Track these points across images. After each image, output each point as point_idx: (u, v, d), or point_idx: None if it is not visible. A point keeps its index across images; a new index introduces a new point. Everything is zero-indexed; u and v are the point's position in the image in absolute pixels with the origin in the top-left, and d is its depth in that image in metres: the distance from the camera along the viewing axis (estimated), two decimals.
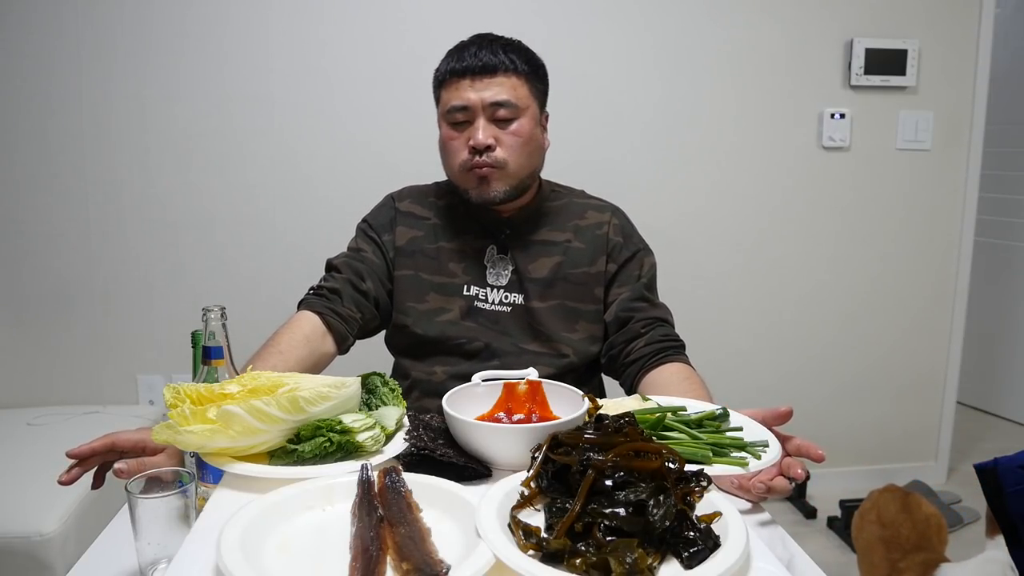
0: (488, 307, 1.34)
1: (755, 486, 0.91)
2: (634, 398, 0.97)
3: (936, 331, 2.80)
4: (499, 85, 1.27)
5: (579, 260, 1.35)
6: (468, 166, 1.28)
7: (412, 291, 1.36)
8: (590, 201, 1.43)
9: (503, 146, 1.28)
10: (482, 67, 1.26)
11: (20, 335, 2.38)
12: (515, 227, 1.36)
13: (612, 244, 1.37)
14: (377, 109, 2.38)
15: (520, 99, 1.28)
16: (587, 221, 1.39)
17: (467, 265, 1.36)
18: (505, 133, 1.28)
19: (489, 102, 1.26)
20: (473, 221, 1.38)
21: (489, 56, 1.27)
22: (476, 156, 1.27)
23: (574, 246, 1.36)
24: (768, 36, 2.52)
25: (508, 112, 1.27)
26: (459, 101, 1.27)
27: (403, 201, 1.43)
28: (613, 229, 1.38)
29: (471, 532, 0.65)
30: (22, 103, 2.27)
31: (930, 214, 2.72)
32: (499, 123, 1.28)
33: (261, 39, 2.31)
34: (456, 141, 1.29)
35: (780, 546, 0.92)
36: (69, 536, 1.68)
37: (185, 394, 0.82)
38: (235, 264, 2.39)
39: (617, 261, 1.36)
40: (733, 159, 2.58)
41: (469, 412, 0.90)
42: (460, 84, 1.27)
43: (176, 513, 0.83)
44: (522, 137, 1.29)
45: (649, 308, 1.34)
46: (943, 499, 2.63)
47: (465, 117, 1.28)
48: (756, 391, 2.70)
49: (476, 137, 1.26)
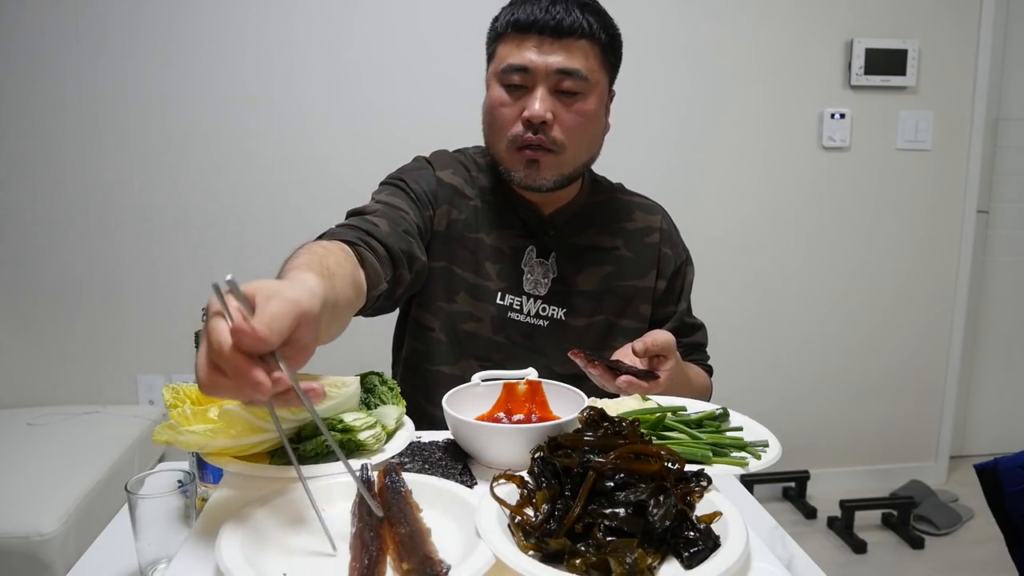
0: (523, 319, 1.17)
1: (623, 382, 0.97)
2: (634, 398, 0.96)
3: (936, 331, 2.80)
4: (571, 51, 1.06)
5: (628, 271, 1.20)
6: (519, 143, 1.09)
7: (443, 288, 1.16)
8: (636, 200, 1.27)
9: (562, 125, 1.08)
10: (555, 25, 1.05)
11: (20, 335, 2.38)
12: (559, 227, 1.19)
13: (663, 256, 1.23)
14: (379, 107, 2.37)
15: (592, 71, 1.09)
16: (636, 224, 1.23)
17: (503, 267, 1.16)
18: (567, 110, 1.08)
19: (555, 68, 1.06)
20: (513, 214, 1.18)
21: (564, 13, 1.06)
22: (529, 132, 1.08)
23: (623, 255, 1.20)
24: (768, 36, 2.52)
25: (575, 84, 1.07)
26: (519, 60, 1.06)
27: (445, 171, 1.18)
28: (662, 237, 1.24)
29: (471, 532, 0.65)
30: (21, 103, 2.27)
31: (930, 214, 2.72)
32: (562, 96, 1.08)
33: (262, 39, 2.31)
34: (508, 109, 1.09)
35: (780, 546, 0.92)
36: (69, 536, 1.68)
37: (184, 394, 0.81)
38: (235, 264, 2.38)
39: (666, 276, 1.23)
40: (733, 159, 2.58)
41: (469, 412, 0.90)
42: (524, 41, 1.07)
43: (176, 513, 0.83)
44: (586, 117, 1.10)
45: (688, 333, 1.25)
46: (943, 499, 2.63)
47: (523, 80, 1.07)
48: (756, 391, 2.70)
49: (532, 108, 1.06)
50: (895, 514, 2.53)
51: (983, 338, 2.99)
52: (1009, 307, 2.99)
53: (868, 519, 2.55)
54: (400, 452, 0.84)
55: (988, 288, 2.96)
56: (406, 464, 0.83)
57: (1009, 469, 1.11)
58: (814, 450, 2.77)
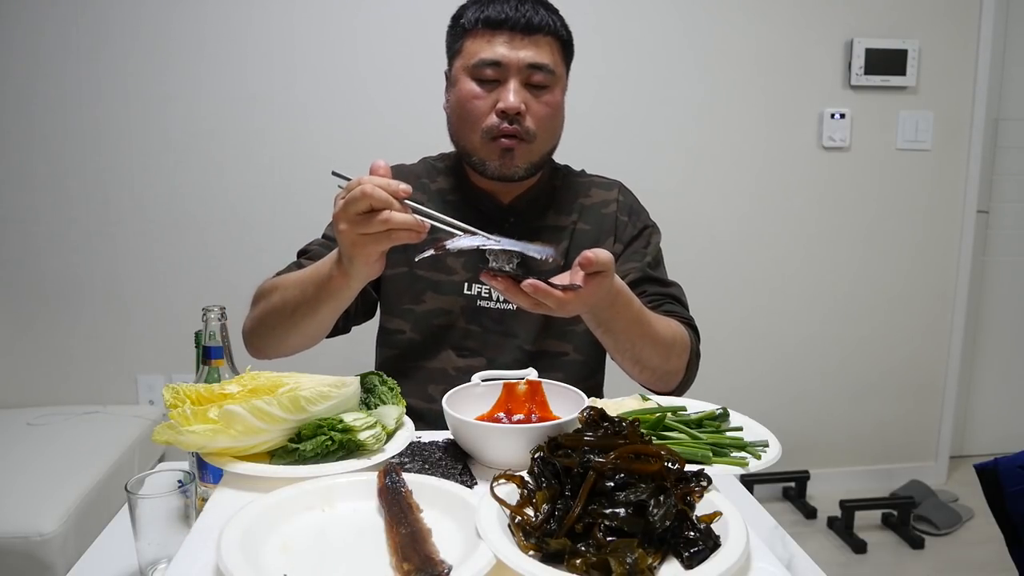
0: (493, 305, 1.22)
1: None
2: (634, 398, 0.96)
3: (936, 331, 2.80)
4: (539, 46, 1.13)
5: (585, 242, 1.23)
6: (493, 133, 1.14)
7: (407, 291, 1.23)
8: (594, 179, 1.32)
9: (533, 116, 1.14)
10: (525, 23, 1.12)
11: (20, 335, 2.38)
12: (519, 214, 1.24)
13: (619, 223, 1.26)
14: (380, 107, 2.37)
15: (556, 66, 1.16)
16: (592, 200, 1.28)
17: (468, 259, 1.21)
18: (537, 102, 1.14)
19: (527, 63, 1.12)
20: (472, 208, 1.24)
21: (532, 12, 1.13)
22: (504, 123, 1.13)
23: (580, 228, 1.25)
24: (768, 36, 2.52)
25: (544, 78, 1.13)
26: (492, 55, 1.12)
27: None
28: (620, 207, 1.28)
29: (471, 532, 0.65)
30: (22, 103, 2.27)
31: (930, 214, 2.72)
32: (531, 89, 1.14)
33: (262, 39, 2.31)
34: (482, 101, 1.14)
35: (780, 546, 0.93)
36: (69, 536, 1.68)
37: (184, 394, 0.82)
38: (235, 264, 2.38)
39: (623, 240, 1.26)
40: (733, 159, 2.58)
41: (469, 412, 0.90)
42: (495, 37, 1.13)
43: (176, 513, 0.83)
44: (554, 108, 1.16)
45: (656, 286, 1.23)
46: (943, 499, 2.63)
47: (495, 74, 1.13)
48: (755, 390, 2.70)
49: (507, 100, 1.11)
50: (895, 514, 2.53)
51: (983, 338, 2.99)
52: (1009, 307, 2.99)
53: (868, 519, 2.55)
54: (400, 452, 0.84)
55: (988, 288, 2.96)
56: (406, 464, 0.83)
57: (1009, 469, 1.11)
58: (814, 450, 2.77)
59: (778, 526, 0.97)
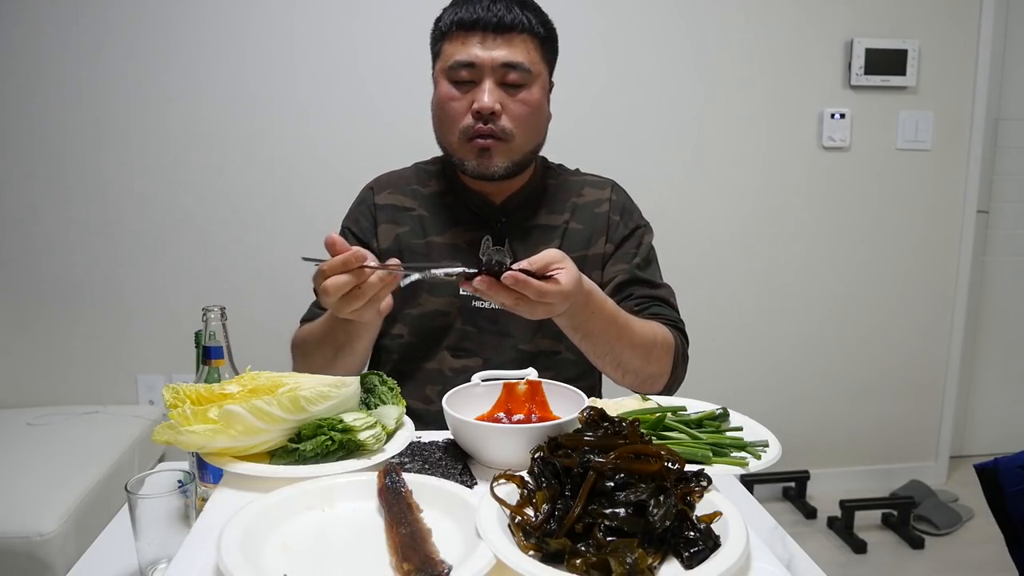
0: (487, 305, 1.21)
1: None
2: (634, 398, 0.96)
3: (936, 331, 2.80)
4: (513, 45, 1.13)
5: (578, 242, 1.24)
6: (469, 133, 1.15)
7: (404, 296, 1.23)
8: (587, 178, 1.32)
9: (510, 115, 1.15)
10: (497, 23, 1.13)
11: (21, 335, 2.38)
12: (511, 214, 1.25)
13: (611, 223, 1.26)
14: (380, 106, 2.37)
15: (533, 64, 1.15)
16: (585, 199, 1.28)
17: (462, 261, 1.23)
18: (513, 100, 1.15)
19: (500, 63, 1.13)
20: (464, 209, 1.25)
21: (504, 11, 1.13)
22: (480, 123, 1.14)
23: (572, 227, 1.25)
24: (768, 36, 2.52)
25: (519, 77, 1.14)
26: (465, 56, 1.13)
27: (382, 193, 1.29)
28: (612, 206, 1.27)
29: (471, 532, 0.65)
30: (21, 103, 2.27)
31: (930, 214, 2.72)
32: (507, 88, 1.14)
33: (261, 39, 2.31)
34: (458, 103, 1.15)
35: (780, 546, 0.92)
36: (69, 536, 1.68)
37: (184, 394, 0.81)
38: (235, 264, 2.39)
39: (615, 240, 1.26)
40: (734, 159, 2.58)
41: (469, 412, 0.90)
42: (468, 38, 1.14)
43: (176, 513, 0.83)
44: (531, 107, 1.16)
45: (646, 289, 1.23)
46: (943, 499, 2.63)
47: (470, 76, 1.14)
48: (756, 391, 2.70)
49: (482, 100, 1.12)
50: (895, 514, 2.53)
51: (983, 338, 2.99)
52: (1009, 307, 2.99)
53: (868, 519, 2.55)
54: (400, 452, 0.84)
55: (988, 288, 2.96)
56: (406, 464, 0.83)
57: (1009, 469, 1.11)
58: (814, 450, 2.77)
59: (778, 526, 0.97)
